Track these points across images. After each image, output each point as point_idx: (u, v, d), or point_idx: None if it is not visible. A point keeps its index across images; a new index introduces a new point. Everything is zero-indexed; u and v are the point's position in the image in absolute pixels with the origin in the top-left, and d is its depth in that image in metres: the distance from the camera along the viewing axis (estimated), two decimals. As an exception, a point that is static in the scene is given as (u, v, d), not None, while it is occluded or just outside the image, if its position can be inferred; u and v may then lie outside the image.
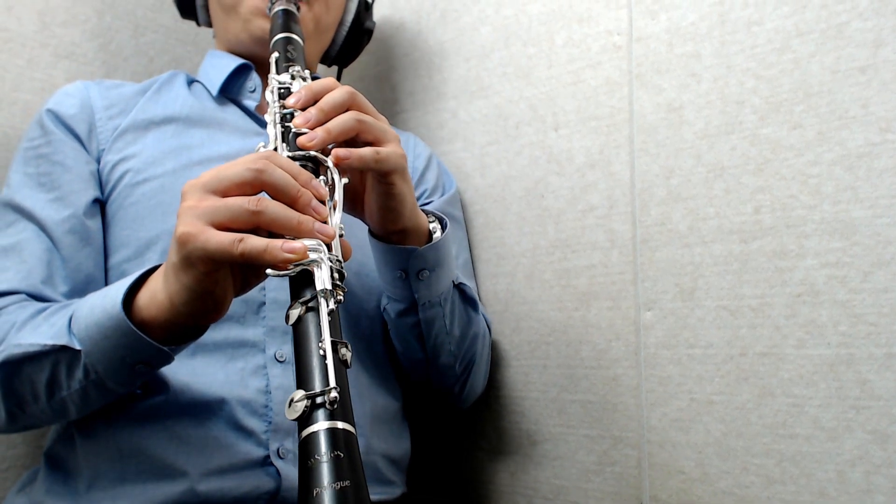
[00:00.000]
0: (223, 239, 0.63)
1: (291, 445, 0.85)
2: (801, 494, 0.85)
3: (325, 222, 0.68)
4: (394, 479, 0.97)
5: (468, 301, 0.99)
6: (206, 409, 0.84)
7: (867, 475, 0.81)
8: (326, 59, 1.22)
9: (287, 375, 0.88)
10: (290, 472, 0.84)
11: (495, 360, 1.12)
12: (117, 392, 0.79)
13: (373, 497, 0.92)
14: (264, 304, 0.90)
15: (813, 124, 0.86)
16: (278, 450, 0.85)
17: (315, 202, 0.68)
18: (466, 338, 0.99)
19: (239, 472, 0.83)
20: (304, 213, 0.67)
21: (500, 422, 1.12)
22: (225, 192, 0.66)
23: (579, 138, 1.05)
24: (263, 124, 1.02)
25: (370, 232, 0.88)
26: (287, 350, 0.89)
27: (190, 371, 0.84)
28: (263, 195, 0.67)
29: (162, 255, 0.89)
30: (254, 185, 0.67)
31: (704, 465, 0.92)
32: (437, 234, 0.88)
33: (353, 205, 0.85)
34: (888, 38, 0.82)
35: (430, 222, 0.90)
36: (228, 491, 0.82)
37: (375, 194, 0.82)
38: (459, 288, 0.97)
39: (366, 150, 0.76)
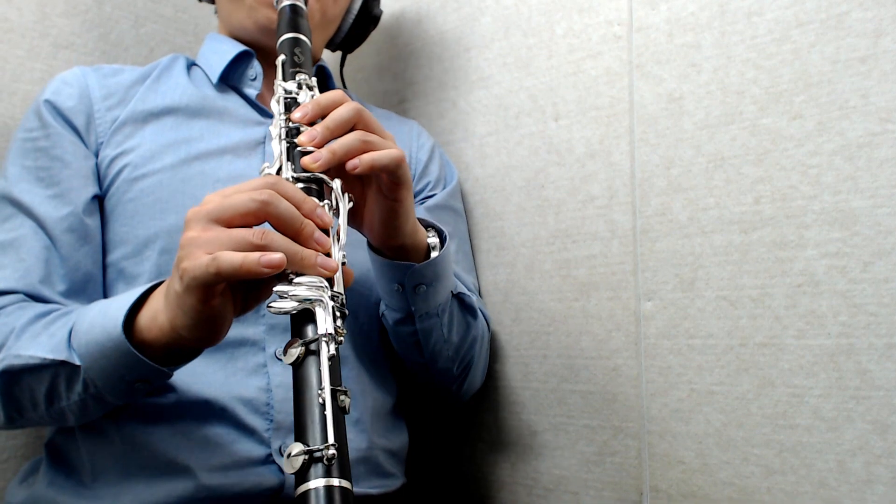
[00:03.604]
0: (202, 260, 0.63)
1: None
2: (801, 485, 0.85)
3: (329, 254, 0.68)
4: (393, 471, 0.98)
5: (467, 308, 0.99)
6: (208, 408, 0.84)
7: (867, 465, 0.81)
8: (331, 45, 1.20)
9: (288, 373, 0.88)
10: None
11: (495, 352, 1.12)
12: (116, 404, 0.79)
13: (373, 490, 0.93)
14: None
15: (813, 114, 0.85)
16: (280, 448, 0.85)
17: (318, 234, 0.68)
18: (465, 343, 0.99)
19: (241, 470, 0.83)
20: (306, 246, 0.66)
21: (500, 413, 1.13)
22: (229, 222, 0.66)
23: (579, 128, 1.05)
24: (264, 113, 1.02)
25: (368, 244, 0.88)
26: None
27: (191, 371, 0.84)
28: (267, 226, 0.67)
29: (160, 254, 0.89)
30: (258, 216, 0.66)
31: (704, 456, 0.92)
32: (435, 253, 0.88)
33: (353, 218, 0.83)
34: (888, 27, 0.81)
35: (430, 236, 0.89)
36: (231, 487, 0.82)
37: (378, 210, 0.81)
38: (458, 297, 0.97)
39: (387, 154, 0.77)
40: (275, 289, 0.64)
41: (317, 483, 0.55)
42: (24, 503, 0.87)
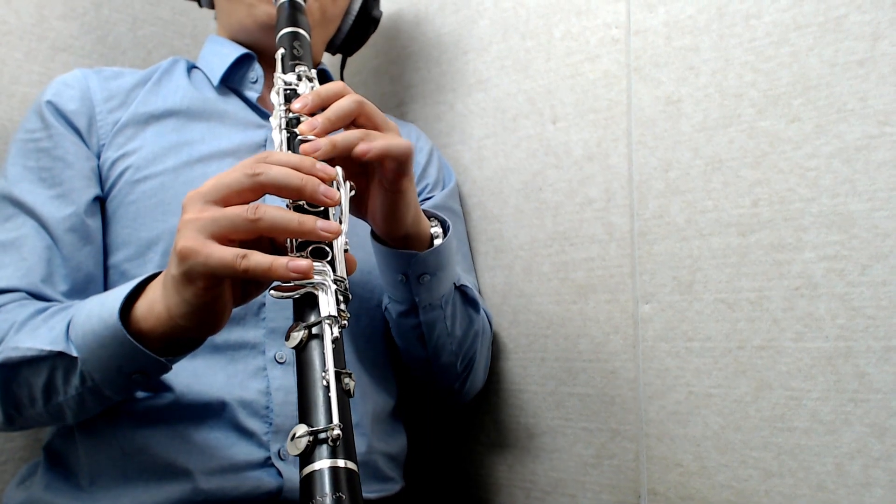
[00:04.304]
0: (226, 255, 0.62)
1: None
2: (799, 488, 0.85)
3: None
4: (392, 475, 0.98)
5: (469, 302, 0.99)
6: (207, 411, 0.84)
7: (865, 468, 0.81)
8: (331, 48, 1.20)
9: (287, 377, 0.88)
10: (291, 473, 0.84)
11: (493, 354, 1.12)
12: (113, 399, 0.78)
13: (373, 495, 0.93)
14: (264, 305, 0.89)
15: (811, 117, 0.86)
16: (279, 451, 0.85)
17: (323, 187, 0.67)
18: (468, 338, 0.99)
19: (240, 473, 0.83)
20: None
21: (498, 415, 1.13)
22: (225, 201, 0.65)
23: (577, 131, 1.05)
24: (265, 116, 1.01)
25: (372, 234, 0.87)
26: (287, 352, 0.89)
27: (191, 373, 0.84)
28: (264, 201, 0.66)
29: (163, 255, 0.88)
30: (254, 190, 0.66)
31: (702, 459, 0.92)
32: (439, 240, 0.88)
33: (357, 208, 0.83)
34: (886, 31, 0.81)
35: (433, 226, 0.89)
36: (229, 491, 0.82)
37: (382, 200, 0.80)
38: (461, 290, 0.97)
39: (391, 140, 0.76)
40: None
41: (322, 464, 0.55)
42: (21, 506, 0.87)
